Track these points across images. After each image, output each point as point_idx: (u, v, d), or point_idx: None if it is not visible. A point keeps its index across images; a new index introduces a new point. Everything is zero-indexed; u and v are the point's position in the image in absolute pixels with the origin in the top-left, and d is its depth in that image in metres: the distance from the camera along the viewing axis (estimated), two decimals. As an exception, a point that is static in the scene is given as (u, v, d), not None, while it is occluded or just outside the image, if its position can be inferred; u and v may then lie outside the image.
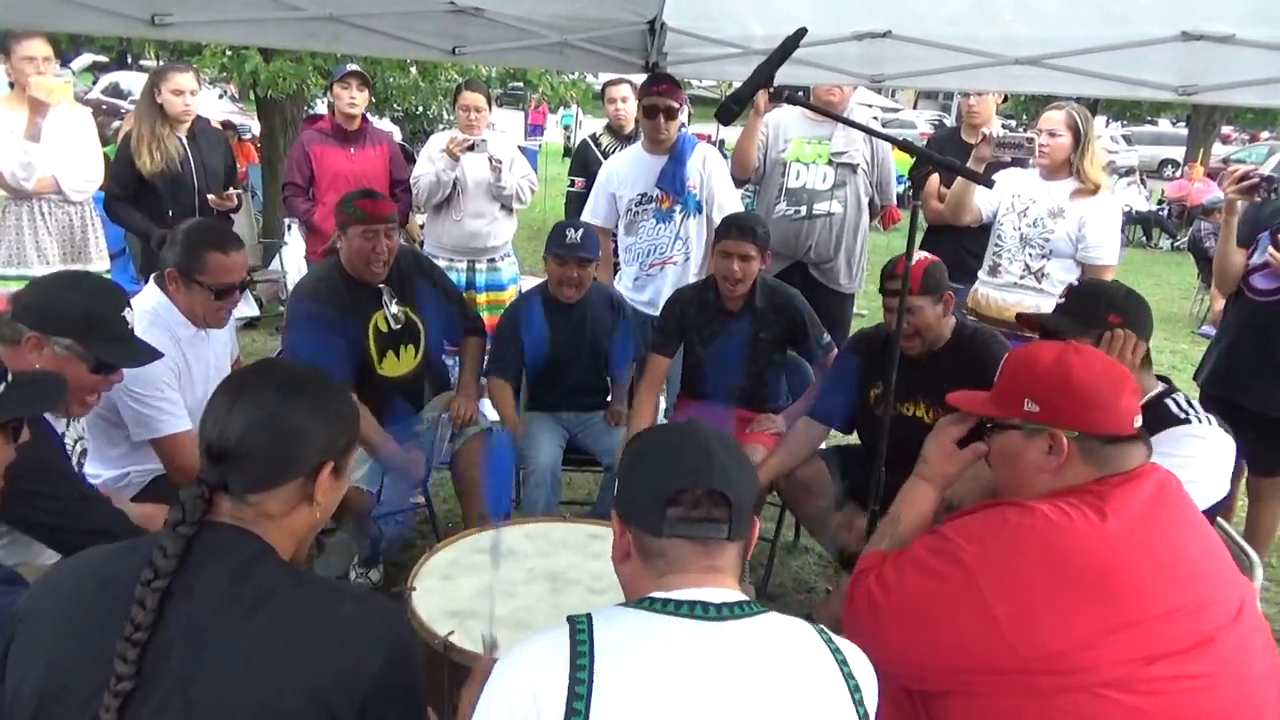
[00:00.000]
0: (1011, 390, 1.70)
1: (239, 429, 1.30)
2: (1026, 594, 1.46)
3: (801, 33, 2.14)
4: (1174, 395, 2.26)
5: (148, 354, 2.16)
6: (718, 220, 3.77)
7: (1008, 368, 1.75)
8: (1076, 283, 2.42)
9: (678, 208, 3.90)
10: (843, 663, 1.27)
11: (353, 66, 4.69)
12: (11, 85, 3.96)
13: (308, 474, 1.34)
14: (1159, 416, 2.19)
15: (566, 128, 19.60)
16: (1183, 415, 2.20)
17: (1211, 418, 2.21)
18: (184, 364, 2.64)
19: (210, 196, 4.34)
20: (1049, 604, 1.44)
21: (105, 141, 5.31)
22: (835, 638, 1.31)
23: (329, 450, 1.37)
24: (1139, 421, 1.63)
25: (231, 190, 4.44)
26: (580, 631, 1.24)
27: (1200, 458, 2.13)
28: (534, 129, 19.47)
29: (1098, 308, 2.26)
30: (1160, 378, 2.33)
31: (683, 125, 4.02)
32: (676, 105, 3.79)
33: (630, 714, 1.16)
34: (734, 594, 1.28)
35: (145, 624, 1.18)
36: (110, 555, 1.32)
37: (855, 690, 1.25)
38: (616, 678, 1.18)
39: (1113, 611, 1.42)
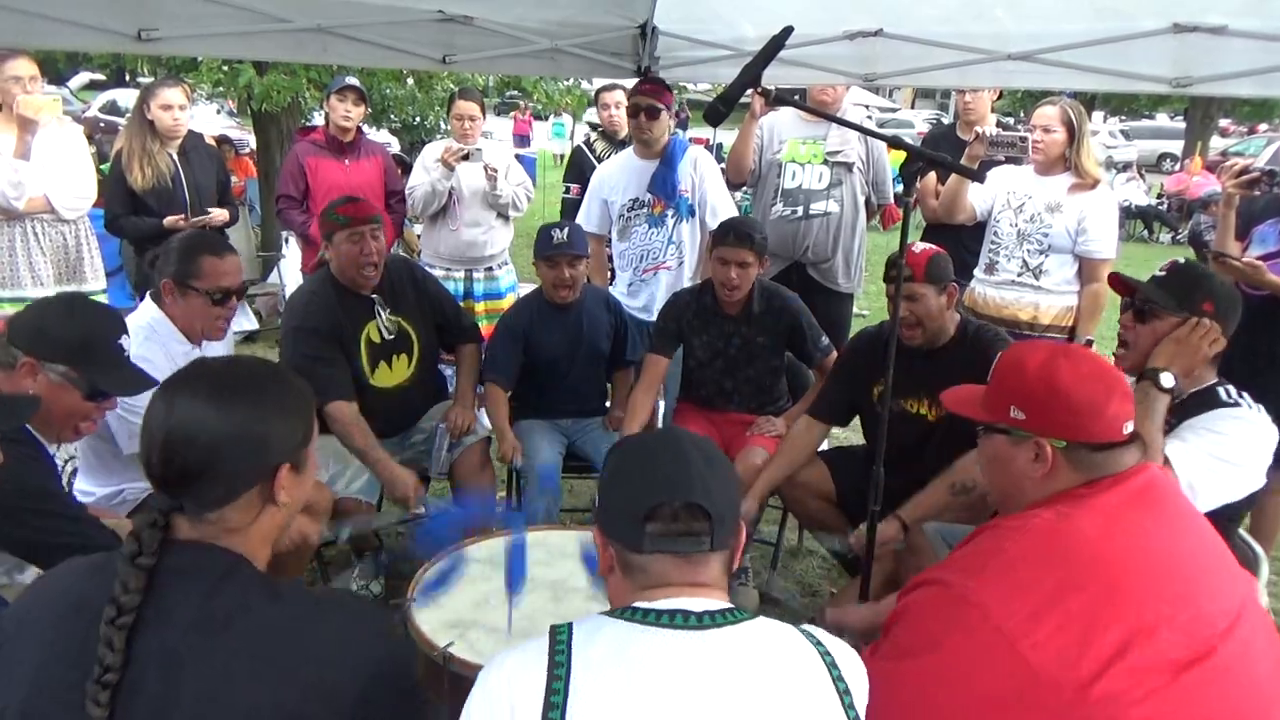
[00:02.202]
0: (999, 395, 1.67)
1: (183, 449, 1.21)
2: (1022, 599, 1.42)
3: (787, 32, 2.12)
4: (1226, 385, 2.24)
5: (143, 382, 2.13)
6: (711, 224, 3.76)
7: (997, 370, 1.71)
8: (1182, 260, 2.36)
9: (670, 212, 3.89)
10: (832, 665, 1.25)
11: (350, 80, 4.68)
12: None
13: (264, 479, 1.27)
14: (1206, 400, 2.18)
15: (560, 137, 19.59)
16: (1232, 401, 2.17)
17: (1262, 408, 2.18)
18: None
19: (175, 220, 4.27)
20: (1052, 605, 1.40)
21: (104, 159, 5.31)
22: (825, 640, 1.29)
23: (281, 451, 1.28)
24: (1130, 428, 1.59)
25: (214, 212, 4.40)
26: (560, 642, 1.22)
27: (1241, 437, 2.09)
28: (519, 139, 19.42)
29: (1197, 292, 2.21)
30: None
31: (677, 131, 4.00)
32: (659, 105, 3.78)
33: None
34: (717, 602, 1.27)
35: (115, 665, 1.13)
36: (85, 573, 1.27)
37: (845, 694, 1.24)
38: (593, 689, 1.17)
39: (1108, 611, 1.39)
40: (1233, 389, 2.23)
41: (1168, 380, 2.10)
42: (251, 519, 1.28)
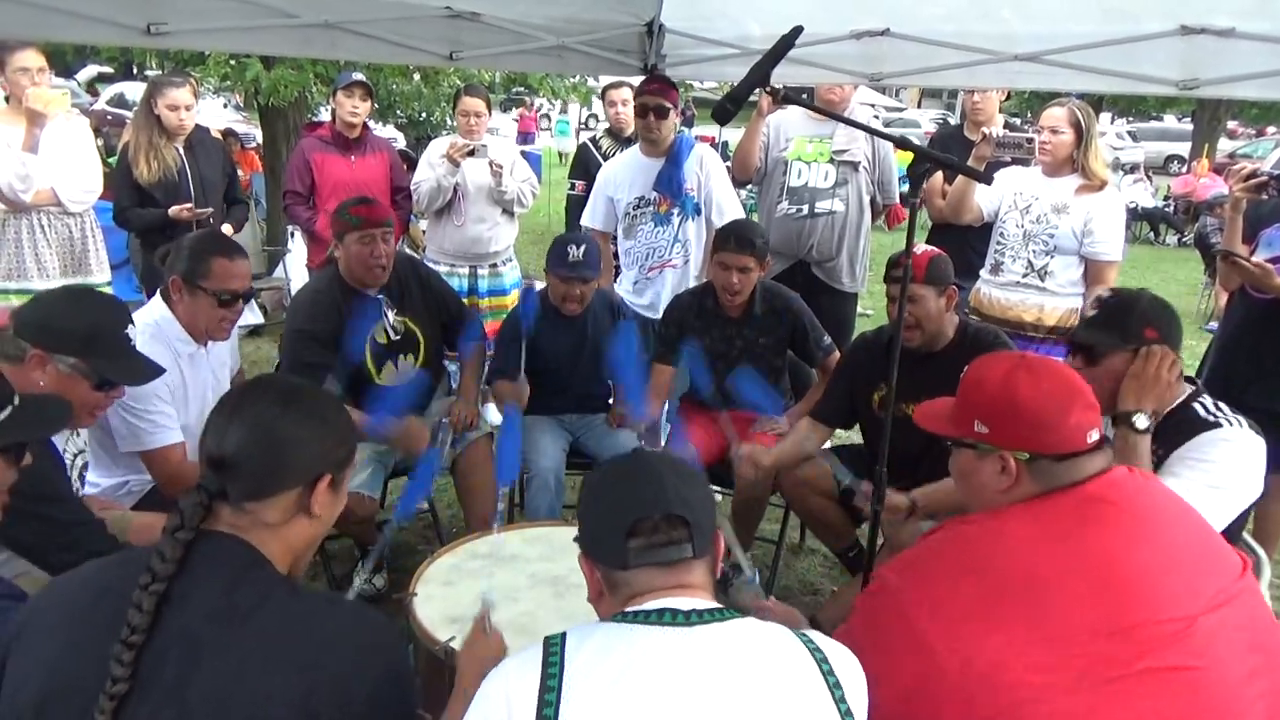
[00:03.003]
0: (964, 409, 1.68)
1: (236, 438, 1.32)
2: (945, 602, 1.46)
3: (797, 31, 2.13)
4: (1201, 398, 2.23)
5: (151, 371, 2.15)
6: (717, 222, 3.76)
7: (962, 384, 1.72)
8: (1107, 294, 2.37)
9: (675, 210, 3.89)
10: (822, 660, 1.27)
11: (358, 76, 4.68)
12: (7, 98, 3.96)
13: (305, 485, 1.36)
14: (1187, 420, 2.18)
15: (564, 135, 19.52)
16: (1211, 419, 2.17)
17: (1241, 419, 2.18)
18: (180, 381, 2.63)
19: (180, 210, 4.29)
20: (972, 611, 1.44)
21: (112, 152, 5.32)
22: (816, 638, 1.31)
23: (325, 462, 1.38)
24: (1094, 436, 1.59)
25: (198, 210, 4.39)
26: (553, 647, 1.25)
27: (1226, 462, 2.10)
28: (523, 137, 19.33)
29: (1134, 321, 2.20)
30: (1188, 379, 2.30)
31: (682, 129, 4.01)
32: (668, 105, 3.78)
33: (599, 718, 1.17)
34: (705, 602, 1.29)
35: (141, 627, 1.18)
36: (109, 564, 1.34)
37: (836, 687, 1.25)
38: (585, 688, 1.19)
39: (1026, 622, 1.41)
40: (1209, 401, 2.22)
41: (1143, 422, 2.11)
42: (285, 521, 1.35)
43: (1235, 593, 1.50)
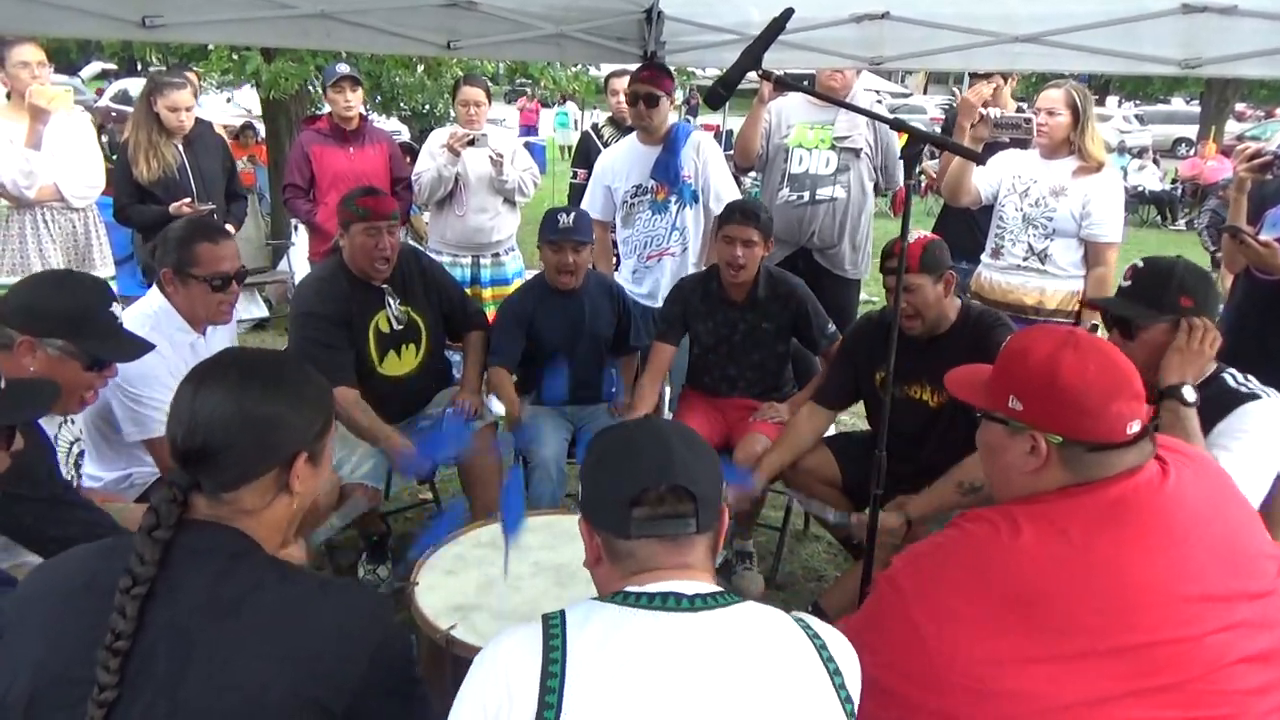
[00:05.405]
0: (1000, 382, 1.60)
1: (205, 427, 1.26)
2: (948, 604, 1.43)
3: (788, 13, 2.11)
4: (1229, 370, 2.21)
5: (140, 347, 2.15)
6: (715, 209, 3.74)
7: (1003, 355, 1.64)
8: (1140, 262, 2.29)
9: (673, 198, 3.88)
10: (822, 647, 1.26)
11: (342, 69, 4.67)
12: (9, 95, 3.97)
13: (282, 465, 1.32)
14: (1219, 393, 2.16)
15: (565, 127, 19.41)
16: (1245, 390, 2.16)
17: (1270, 390, 2.17)
18: (182, 371, 2.63)
19: (180, 205, 4.28)
20: (970, 615, 1.41)
21: (116, 149, 5.31)
22: (814, 624, 1.30)
23: (302, 439, 1.33)
24: (1135, 428, 1.50)
25: (199, 205, 4.37)
26: (554, 626, 1.24)
27: (1268, 427, 2.09)
28: (525, 129, 19.24)
29: (1168, 290, 2.15)
30: None
31: (688, 118, 4.00)
32: (658, 93, 3.76)
33: (603, 704, 1.16)
34: (707, 585, 1.28)
35: (126, 632, 1.16)
36: (96, 554, 1.31)
37: (836, 674, 1.25)
38: (589, 669, 1.18)
39: (1025, 635, 1.38)
40: (1237, 374, 2.21)
41: (1191, 395, 2.08)
42: (265, 504, 1.32)
43: (1266, 595, 1.44)
